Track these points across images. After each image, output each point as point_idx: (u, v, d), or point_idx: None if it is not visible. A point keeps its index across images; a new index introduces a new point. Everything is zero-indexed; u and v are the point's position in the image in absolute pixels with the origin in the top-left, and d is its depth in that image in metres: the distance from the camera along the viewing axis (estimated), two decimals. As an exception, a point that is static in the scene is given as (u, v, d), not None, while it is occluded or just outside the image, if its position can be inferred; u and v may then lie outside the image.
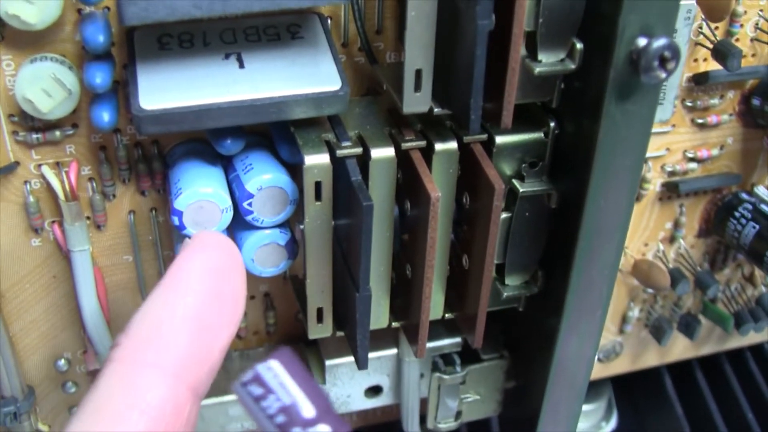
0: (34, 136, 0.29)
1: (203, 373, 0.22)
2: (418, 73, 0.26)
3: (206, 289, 0.23)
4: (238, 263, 0.24)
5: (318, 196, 0.28)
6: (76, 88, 0.28)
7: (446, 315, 0.32)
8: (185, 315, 0.22)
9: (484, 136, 0.29)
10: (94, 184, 0.31)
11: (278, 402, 0.19)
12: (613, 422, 0.48)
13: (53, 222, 0.31)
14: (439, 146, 0.28)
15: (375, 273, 0.29)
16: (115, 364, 0.22)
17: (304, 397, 0.19)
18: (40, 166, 0.30)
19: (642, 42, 0.24)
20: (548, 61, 0.27)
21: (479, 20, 0.24)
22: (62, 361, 0.35)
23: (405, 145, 0.28)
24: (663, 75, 0.25)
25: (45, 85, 0.27)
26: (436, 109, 0.27)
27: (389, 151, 0.28)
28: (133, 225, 0.32)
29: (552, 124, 0.29)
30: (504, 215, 0.30)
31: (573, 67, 0.27)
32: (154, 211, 0.32)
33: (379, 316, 0.31)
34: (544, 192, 0.29)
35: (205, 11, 0.25)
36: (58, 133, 0.29)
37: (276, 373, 0.19)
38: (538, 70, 0.27)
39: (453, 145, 0.28)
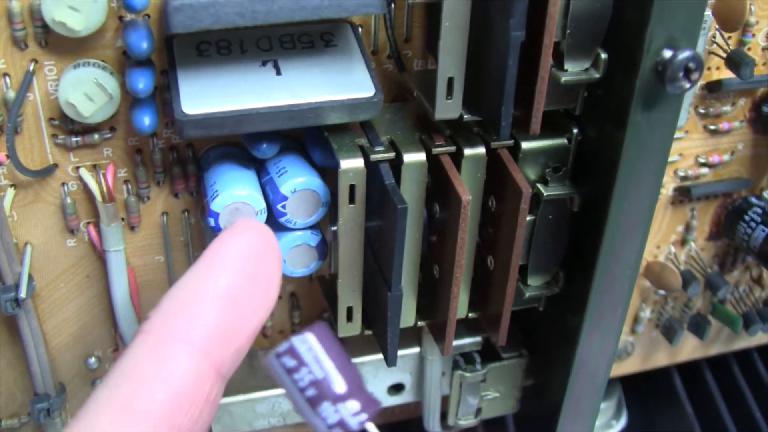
0: (74, 139, 0.30)
1: (229, 353, 0.22)
2: (450, 81, 0.28)
3: (241, 270, 0.23)
4: (275, 249, 0.24)
5: (352, 199, 0.29)
6: (117, 92, 0.29)
7: (470, 314, 0.33)
8: (216, 293, 0.23)
9: (511, 142, 0.30)
10: (130, 186, 0.32)
11: (310, 375, 0.19)
12: (623, 421, 0.49)
13: (88, 223, 0.32)
14: (468, 151, 0.29)
15: (404, 273, 0.30)
16: (143, 335, 0.22)
17: (336, 372, 0.19)
18: (77, 168, 0.31)
19: (667, 54, 0.26)
20: (574, 70, 0.28)
21: (512, 32, 0.25)
22: (93, 359, 0.36)
23: (435, 150, 0.29)
24: (687, 85, 0.26)
25: (87, 89, 0.28)
26: (466, 116, 0.29)
27: (420, 156, 0.29)
28: (165, 226, 0.33)
29: (575, 131, 0.30)
30: (528, 218, 0.31)
31: (597, 76, 0.28)
32: (186, 213, 0.33)
33: (407, 314, 0.32)
34: (567, 196, 0.31)
35: (248, 20, 0.26)
36: (96, 136, 0.30)
37: (311, 346, 0.19)
38: (564, 78, 0.28)
39: (481, 150, 0.29)
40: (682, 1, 0.25)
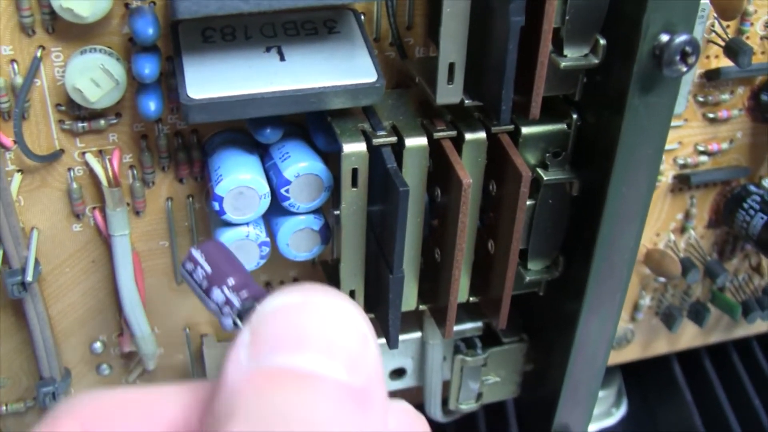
0: (80, 124, 0.31)
1: None
2: (451, 67, 0.28)
3: None
4: None
5: (354, 183, 0.29)
6: (123, 78, 0.29)
7: (471, 298, 0.34)
8: None
9: (511, 127, 0.30)
10: (135, 172, 0.32)
11: (203, 271, 0.23)
12: (623, 409, 0.50)
13: (94, 208, 0.33)
14: (469, 136, 0.30)
15: (406, 257, 0.31)
16: None
17: (225, 268, 0.23)
18: (83, 153, 0.31)
19: (664, 38, 0.26)
20: (573, 56, 0.28)
21: (512, 17, 0.26)
22: (98, 344, 0.36)
23: (437, 135, 0.30)
24: (684, 69, 0.26)
25: (94, 75, 0.29)
26: (466, 101, 0.29)
27: (422, 141, 0.29)
28: (170, 211, 0.34)
29: (574, 116, 0.30)
30: (528, 202, 0.31)
31: (596, 61, 0.28)
32: (190, 198, 0.34)
33: (408, 298, 0.33)
34: (566, 180, 0.31)
35: (253, 6, 0.26)
36: (102, 121, 0.31)
37: (204, 252, 0.23)
38: (563, 64, 0.28)
39: (482, 135, 0.30)
40: (680, -13, 0.26)
